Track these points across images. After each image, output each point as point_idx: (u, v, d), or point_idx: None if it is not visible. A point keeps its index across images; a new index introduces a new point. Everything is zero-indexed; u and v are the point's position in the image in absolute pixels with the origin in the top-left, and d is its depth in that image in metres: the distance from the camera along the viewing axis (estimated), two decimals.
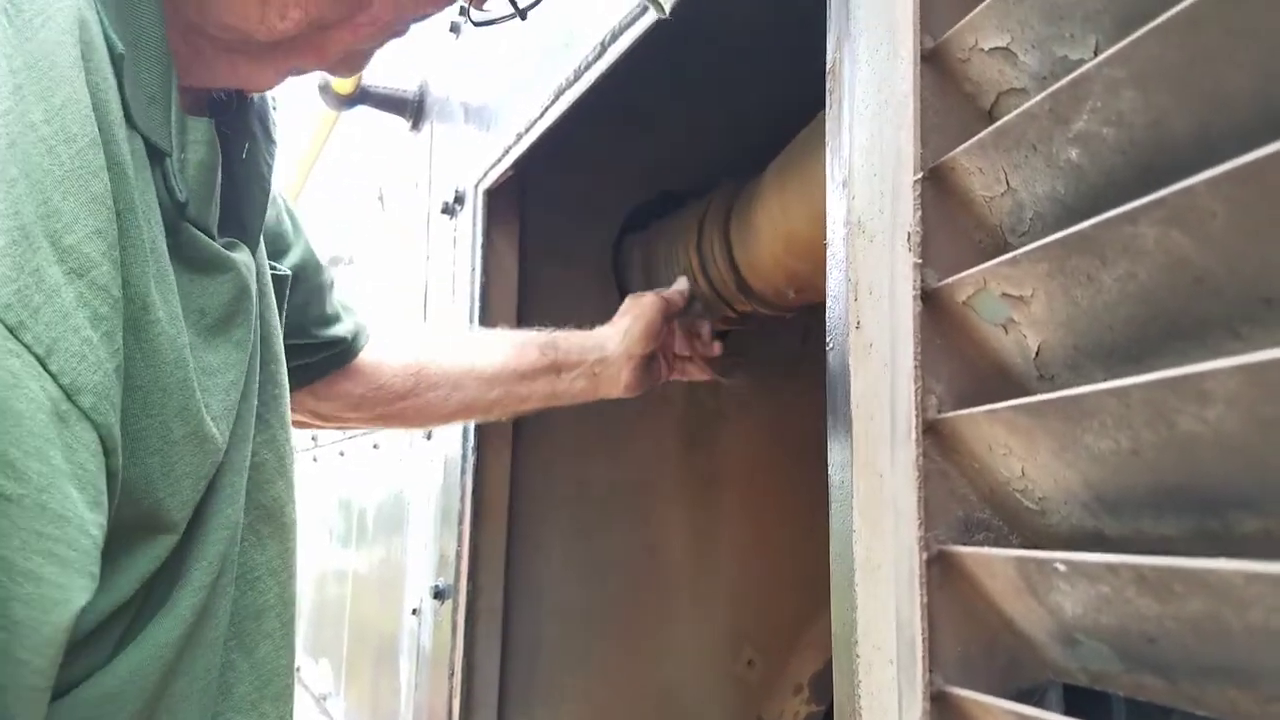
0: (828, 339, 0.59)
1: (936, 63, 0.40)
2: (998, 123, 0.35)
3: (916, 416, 0.38)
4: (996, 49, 0.37)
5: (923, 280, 0.38)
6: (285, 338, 0.75)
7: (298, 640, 2.53)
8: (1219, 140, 0.29)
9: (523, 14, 0.69)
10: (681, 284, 1.22)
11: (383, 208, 1.86)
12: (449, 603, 1.25)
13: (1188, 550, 0.31)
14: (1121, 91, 0.30)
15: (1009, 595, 0.35)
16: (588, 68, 0.98)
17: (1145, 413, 0.29)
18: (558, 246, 1.37)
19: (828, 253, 0.60)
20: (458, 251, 1.36)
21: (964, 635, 0.37)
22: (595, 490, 1.37)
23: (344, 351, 0.97)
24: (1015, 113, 0.34)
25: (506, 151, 1.19)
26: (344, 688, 1.90)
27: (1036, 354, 0.36)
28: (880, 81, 0.53)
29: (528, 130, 1.13)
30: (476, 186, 1.30)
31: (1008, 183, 0.36)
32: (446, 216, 1.40)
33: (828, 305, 0.60)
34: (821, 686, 1.45)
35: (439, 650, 1.27)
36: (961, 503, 0.38)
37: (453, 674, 1.22)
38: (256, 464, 0.67)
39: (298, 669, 2.45)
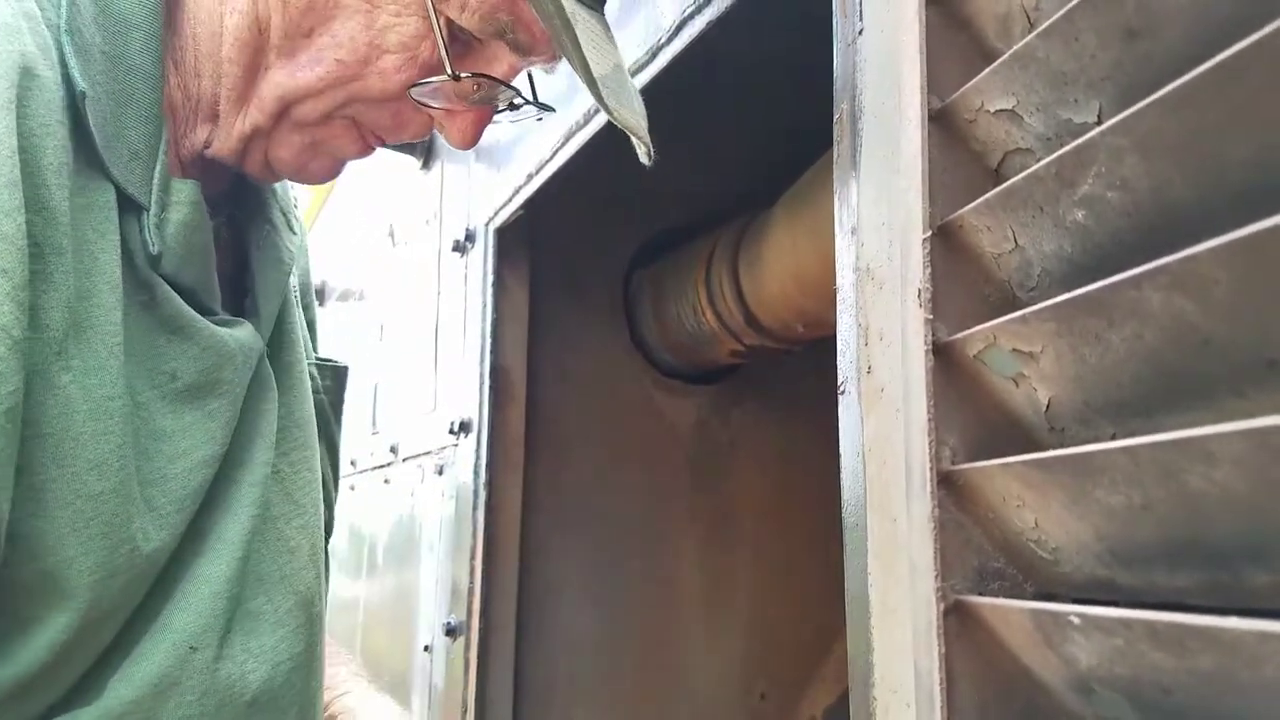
0: (839, 383, 0.60)
1: (944, 123, 0.41)
2: (1005, 184, 0.36)
3: (931, 468, 0.39)
4: (1002, 111, 0.38)
5: (934, 334, 0.39)
6: None
7: None
8: (1219, 207, 0.30)
9: (548, 108, 0.71)
10: None
11: (393, 244, 1.89)
12: (461, 639, 1.26)
13: (1201, 600, 0.32)
14: (1125, 158, 0.31)
15: (1025, 645, 0.35)
16: (598, 110, 1.00)
17: (1154, 471, 0.30)
18: (568, 283, 1.39)
19: (838, 297, 0.61)
20: (469, 288, 1.37)
21: (982, 684, 0.38)
22: (608, 524, 1.37)
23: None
24: (1022, 175, 0.35)
25: (517, 191, 1.21)
26: None
27: (1047, 407, 0.37)
28: (887, 136, 0.54)
29: (538, 170, 1.15)
30: (487, 225, 1.32)
31: (1016, 241, 0.37)
32: (457, 254, 1.42)
33: (838, 350, 0.61)
34: (835, 719, 1.45)
35: (451, 688, 1.27)
36: (977, 552, 0.38)
37: (465, 712, 1.22)
38: (290, 549, 0.66)
39: None
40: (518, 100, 0.69)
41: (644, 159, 0.66)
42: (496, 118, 0.70)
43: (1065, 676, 0.35)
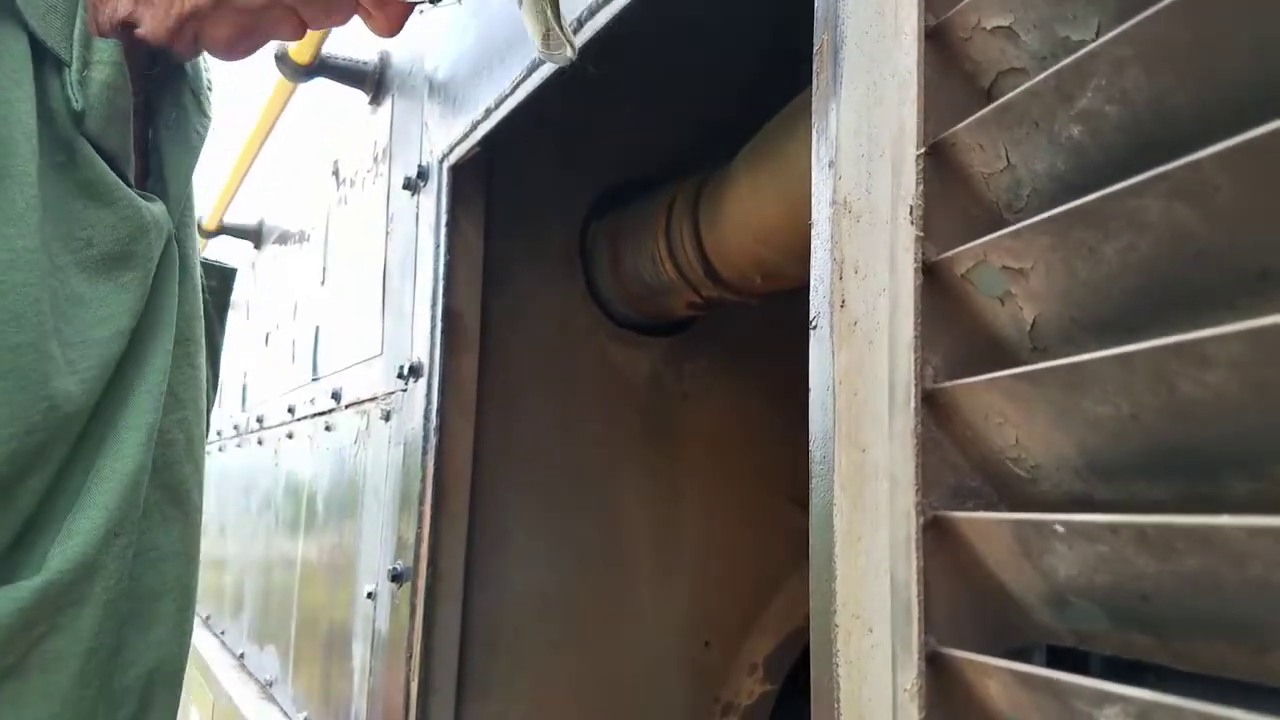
0: (811, 318, 0.60)
1: (938, 40, 0.41)
2: (1002, 99, 0.36)
3: (916, 386, 0.39)
4: (999, 28, 0.38)
5: (923, 253, 0.39)
6: None
7: (241, 627, 2.48)
8: (1219, 118, 0.30)
9: None
10: None
11: (337, 182, 1.83)
12: (407, 586, 1.24)
13: (1180, 511, 0.33)
14: (1126, 69, 0.31)
15: (1002, 559, 0.36)
16: None
17: (1147, 378, 0.30)
18: (524, 228, 1.36)
19: (812, 233, 0.61)
20: (420, 228, 1.34)
21: (955, 599, 0.38)
22: (559, 475, 1.37)
23: None
24: (1020, 89, 0.35)
25: (475, 127, 1.18)
26: (291, 673, 1.86)
27: (1031, 326, 0.37)
28: (874, 60, 0.54)
29: (498, 106, 1.12)
30: (441, 162, 1.28)
31: (1008, 159, 0.37)
32: (408, 193, 1.38)
33: (812, 284, 0.61)
34: (775, 666, 1.48)
35: (396, 634, 1.26)
36: (954, 470, 0.39)
37: (410, 658, 1.21)
38: (167, 441, 0.65)
39: (241, 656, 2.41)
40: None
41: (539, 47, 0.67)
42: (420, 7, 0.70)
43: (1040, 590, 0.35)
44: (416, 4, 0.70)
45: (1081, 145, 0.35)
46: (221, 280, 0.82)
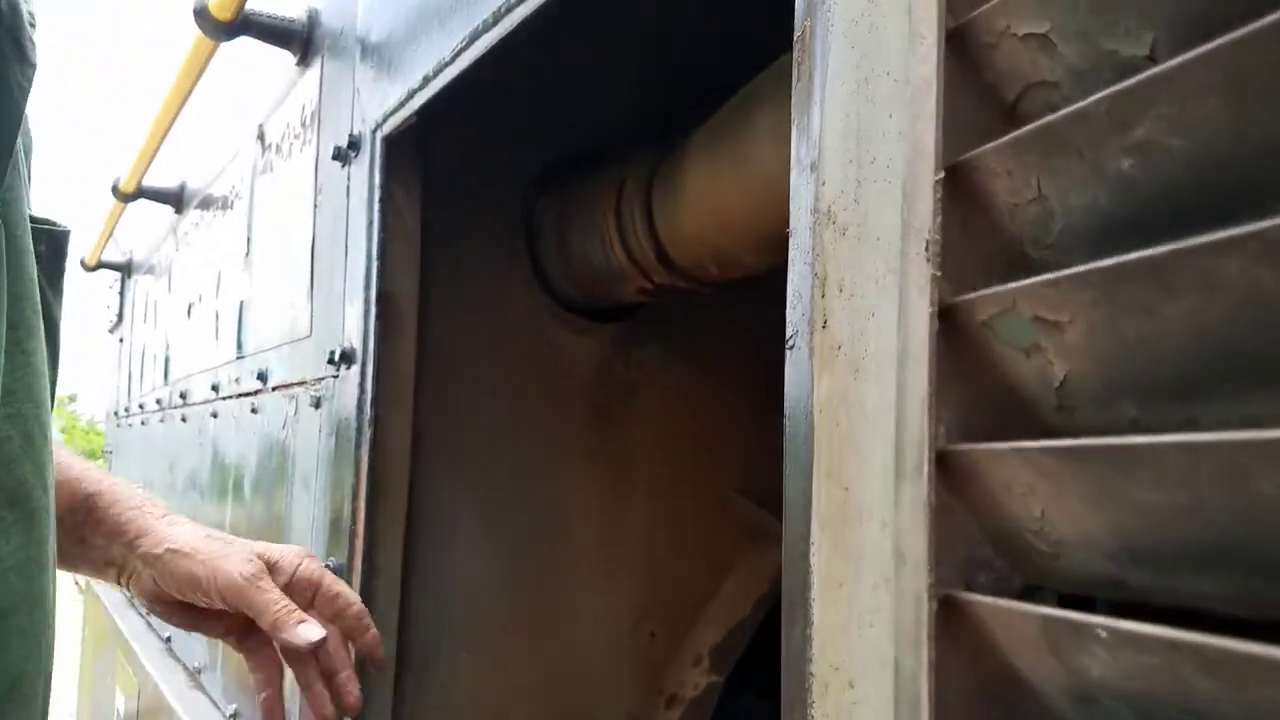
0: (788, 336, 0.55)
1: (956, 45, 0.35)
2: (1041, 121, 0.31)
3: (930, 447, 0.34)
4: (1032, 35, 0.33)
5: (940, 294, 0.34)
6: None
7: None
8: None
9: None
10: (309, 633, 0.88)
11: (263, 148, 1.71)
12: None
13: (1225, 608, 0.29)
14: (1204, 98, 0.26)
15: (1024, 651, 0.31)
16: (509, 10, 0.89)
17: (1215, 470, 0.25)
18: (465, 204, 1.28)
19: (790, 243, 0.56)
20: (351, 202, 1.25)
21: (966, 688, 0.34)
22: (502, 465, 1.30)
23: None
24: (1065, 112, 0.30)
25: (411, 95, 1.09)
26: (221, 661, 1.78)
27: (1061, 384, 0.32)
28: (862, 57, 0.48)
29: (436, 74, 1.03)
30: (375, 132, 1.19)
31: (1039, 189, 0.32)
32: (338, 164, 1.29)
33: (788, 300, 0.56)
34: (721, 657, 1.45)
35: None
36: (965, 540, 0.34)
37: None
38: None
39: (168, 640, 2.30)
40: None
41: None
42: None
43: (1065, 685, 0.31)
44: None
45: (1132, 181, 0.30)
46: (53, 246, 0.71)
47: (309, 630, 0.89)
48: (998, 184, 0.33)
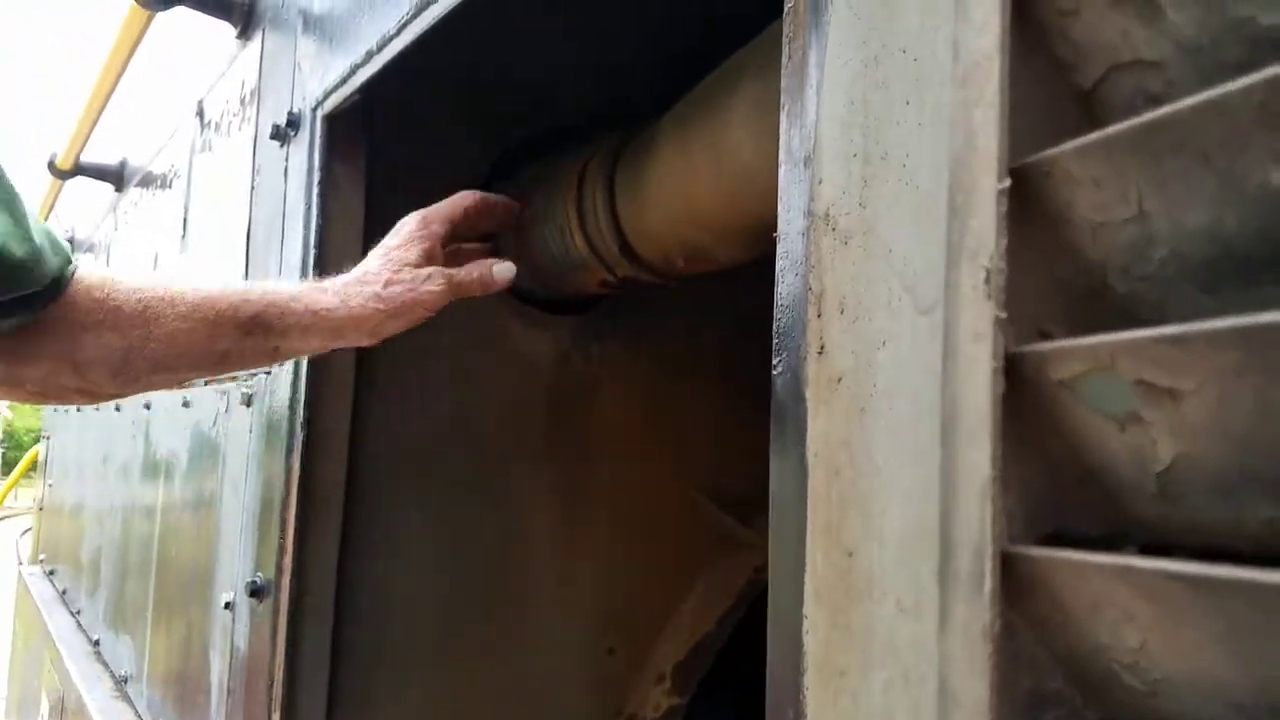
0: (774, 361, 0.47)
1: (1025, 15, 0.27)
2: (1151, 114, 0.22)
3: (994, 549, 0.25)
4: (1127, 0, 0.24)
5: (1005, 341, 0.26)
6: None
7: (97, 608, 2.23)
8: None
9: None
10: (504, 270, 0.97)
11: (201, 126, 1.58)
12: (268, 603, 1.07)
13: None
14: None
15: None
16: None
17: None
18: (412, 188, 1.17)
19: (778, 249, 0.47)
20: (290, 184, 1.14)
21: None
22: (451, 468, 1.21)
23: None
24: (1189, 102, 0.21)
25: (354, 71, 0.99)
26: (147, 673, 1.66)
27: (1166, 470, 0.24)
28: (870, 30, 0.39)
29: (380, 49, 0.93)
30: (315, 110, 1.08)
31: (1140, 205, 0.24)
32: (277, 143, 1.18)
33: (775, 313, 0.47)
34: (684, 676, 1.37)
35: (256, 657, 1.09)
36: (1030, 669, 0.26)
37: (271, 685, 1.05)
38: None
39: (96, 643, 2.17)
40: None
41: None
42: None
43: None
44: None
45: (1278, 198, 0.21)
46: None
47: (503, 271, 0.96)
48: (1079, 195, 0.25)
